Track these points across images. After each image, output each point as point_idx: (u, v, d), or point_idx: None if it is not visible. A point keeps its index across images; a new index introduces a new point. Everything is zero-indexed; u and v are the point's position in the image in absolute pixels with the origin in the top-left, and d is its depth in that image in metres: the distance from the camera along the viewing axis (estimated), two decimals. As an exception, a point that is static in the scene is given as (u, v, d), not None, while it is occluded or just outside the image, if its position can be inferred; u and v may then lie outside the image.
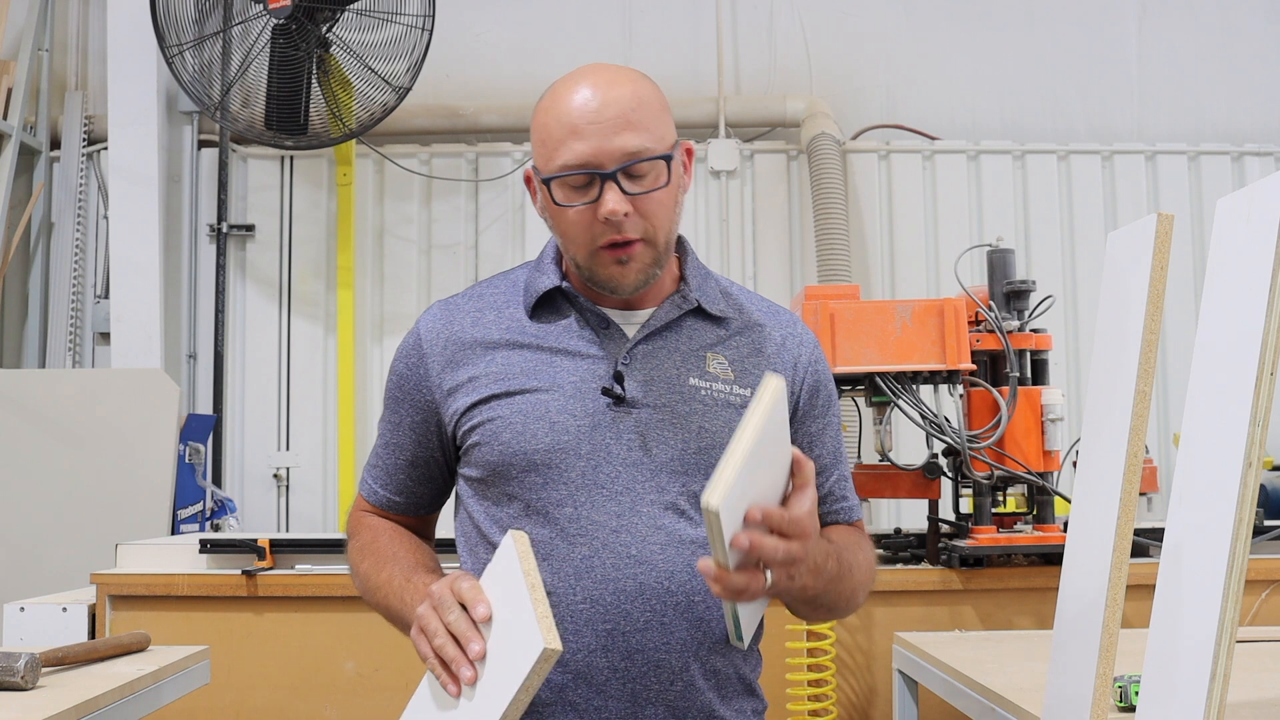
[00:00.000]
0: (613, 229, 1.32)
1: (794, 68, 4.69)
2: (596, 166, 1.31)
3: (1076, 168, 4.59)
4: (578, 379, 1.37)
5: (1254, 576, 2.51)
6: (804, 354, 1.47)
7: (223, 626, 2.68)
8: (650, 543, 1.33)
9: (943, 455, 2.68)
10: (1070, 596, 1.37)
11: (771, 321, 1.48)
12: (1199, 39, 4.73)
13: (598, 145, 1.30)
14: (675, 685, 1.33)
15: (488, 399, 1.38)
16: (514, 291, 1.46)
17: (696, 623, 1.34)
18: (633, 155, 1.31)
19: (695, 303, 1.42)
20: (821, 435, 1.47)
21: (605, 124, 1.30)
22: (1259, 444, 1.05)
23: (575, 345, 1.39)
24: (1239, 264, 1.11)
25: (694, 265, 1.47)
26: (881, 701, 2.60)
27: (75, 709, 1.59)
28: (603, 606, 1.32)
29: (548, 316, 1.42)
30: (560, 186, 1.33)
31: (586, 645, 1.32)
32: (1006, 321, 2.63)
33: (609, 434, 1.35)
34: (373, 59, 3.95)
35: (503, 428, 1.36)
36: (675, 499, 1.35)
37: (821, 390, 1.48)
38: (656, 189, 1.33)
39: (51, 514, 3.84)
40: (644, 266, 1.35)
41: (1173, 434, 4.35)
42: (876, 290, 4.51)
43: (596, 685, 1.32)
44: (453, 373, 1.42)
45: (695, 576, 1.33)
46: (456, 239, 4.56)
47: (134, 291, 4.28)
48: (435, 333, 1.46)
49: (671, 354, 1.40)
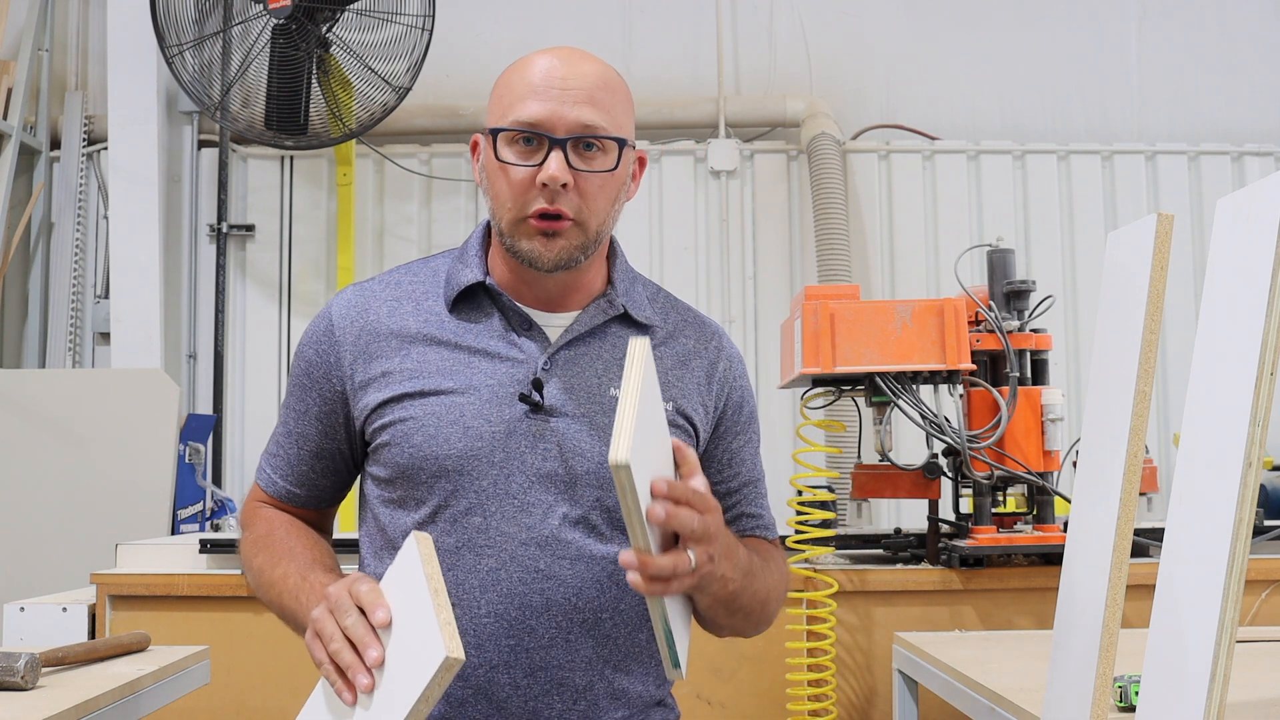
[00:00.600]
0: (549, 197, 1.28)
1: (794, 68, 4.69)
2: (549, 130, 1.28)
3: (1076, 168, 4.59)
4: (495, 382, 1.32)
5: (1254, 576, 2.51)
6: (728, 369, 1.44)
7: (223, 626, 2.68)
8: (560, 557, 1.29)
9: (943, 455, 2.68)
10: (1070, 596, 1.37)
11: (697, 333, 1.45)
12: (1199, 39, 4.73)
13: (555, 110, 1.28)
14: (579, 705, 1.30)
15: (400, 397, 1.32)
16: (434, 282, 1.39)
17: (603, 640, 1.31)
18: (587, 129, 1.28)
19: (622, 308, 1.38)
20: (742, 451, 1.45)
21: (567, 92, 1.28)
22: (1259, 444, 1.05)
23: (495, 346, 1.34)
24: (1239, 264, 1.11)
25: (623, 269, 1.43)
26: (881, 701, 2.60)
27: (75, 709, 1.59)
28: (507, 621, 1.28)
29: (468, 313, 1.36)
30: (507, 144, 1.30)
31: (489, 660, 1.28)
32: (1006, 321, 2.63)
33: (524, 442, 1.30)
34: (373, 59, 3.95)
35: (414, 429, 1.31)
36: (588, 513, 1.31)
37: (744, 407, 1.46)
38: (601, 171, 1.30)
39: (51, 514, 3.84)
40: (569, 248, 1.30)
41: (1173, 434, 4.35)
42: (876, 290, 4.51)
43: (497, 702, 1.28)
44: (365, 365, 1.35)
45: (604, 593, 1.30)
46: (456, 239, 4.54)
47: (134, 291, 4.28)
48: (349, 320, 1.38)
49: (594, 361, 1.35)
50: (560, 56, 1.31)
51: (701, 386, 1.41)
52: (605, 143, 1.30)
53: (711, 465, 1.43)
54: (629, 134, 1.34)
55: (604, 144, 1.30)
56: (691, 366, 1.41)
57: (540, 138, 1.28)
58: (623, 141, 1.31)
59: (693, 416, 1.39)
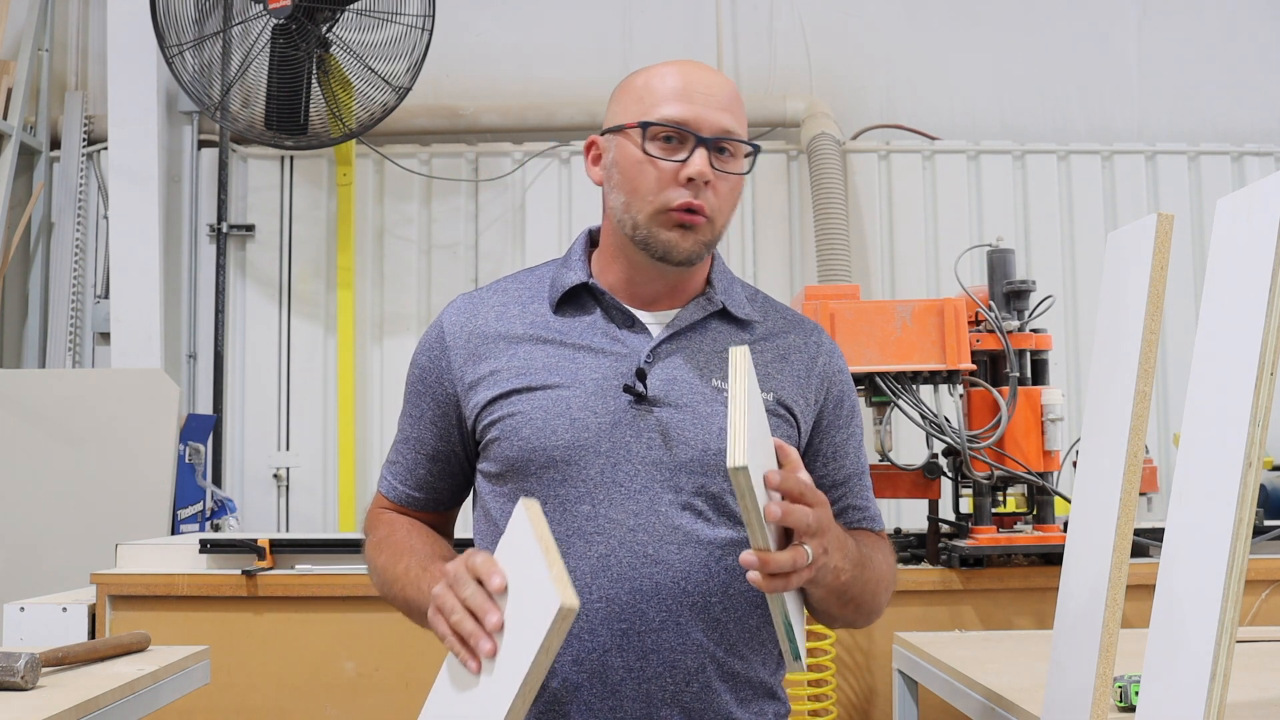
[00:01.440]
0: (694, 192, 1.35)
1: (794, 68, 4.69)
2: (696, 129, 1.35)
3: (1076, 168, 4.58)
4: (600, 376, 1.37)
5: (1254, 576, 2.51)
6: (828, 364, 1.48)
7: (223, 626, 2.68)
8: (667, 542, 1.32)
9: (943, 455, 2.68)
10: (1070, 596, 1.37)
11: (796, 329, 1.49)
12: (1199, 39, 4.73)
13: (701, 112, 1.36)
14: (691, 687, 1.33)
15: (508, 394, 1.37)
16: (540, 286, 1.46)
17: (713, 624, 1.33)
18: (729, 133, 1.37)
19: (721, 305, 1.44)
20: (846, 445, 1.48)
21: (712, 97, 1.37)
22: (1259, 444, 1.05)
23: (599, 342, 1.39)
24: (1239, 264, 1.11)
25: (721, 269, 1.49)
26: (881, 701, 2.60)
27: (75, 709, 1.59)
28: (618, 605, 1.31)
29: (572, 313, 1.42)
30: (651, 139, 1.36)
31: (602, 644, 1.31)
32: (1006, 321, 2.63)
33: (629, 432, 1.34)
34: (373, 59, 3.95)
35: (523, 423, 1.35)
36: (692, 499, 1.34)
37: (846, 401, 1.49)
38: (735, 173, 1.38)
39: (51, 514, 3.84)
40: (700, 242, 1.37)
41: (1173, 434, 4.35)
42: (876, 290, 4.51)
43: (611, 685, 1.31)
44: (474, 366, 1.41)
45: (712, 577, 1.33)
46: (456, 239, 4.56)
47: (134, 291, 4.28)
48: (458, 325, 1.45)
49: (695, 355, 1.40)
50: (696, 67, 1.41)
51: (801, 380, 1.44)
52: (737, 147, 1.39)
53: (816, 459, 1.46)
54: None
55: (736, 149, 1.39)
56: (791, 360, 1.45)
57: (686, 135, 1.36)
58: (756, 148, 1.41)
59: (793, 407, 1.42)
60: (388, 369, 4.47)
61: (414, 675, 2.65)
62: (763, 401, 1.36)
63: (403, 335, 4.48)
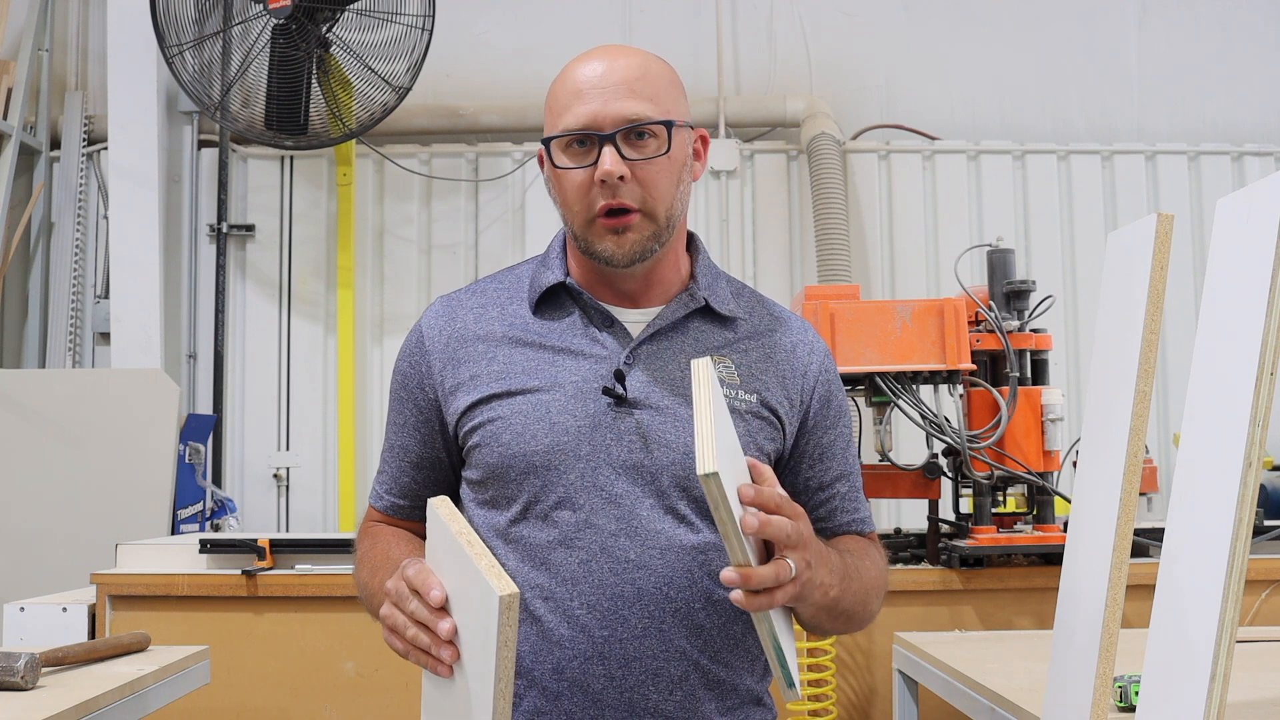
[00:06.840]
0: (609, 192, 1.30)
1: (794, 68, 4.69)
2: (596, 128, 1.31)
3: (1076, 168, 4.58)
4: (579, 379, 1.34)
5: (1254, 576, 2.51)
6: (815, 363, 1.44)
7: (223, 626, 2.68)
8: (650, 547, 1.29)
9: (943, 455, 2.68)
10: (1070, 596, 1.37)
11: (782, 327, 1.44)
12: (1199, 39, 4.73)
13: (598, 108, 1.31)
14: (674, 695, 1.30)
15: (488, 398, 1.35)
16: (518, 287, 1.43)
17: (696, 631, 1.30)
18: (632, 120, 1.31)
19: (704, 302, 1.40)
20: (833, 446, 1.44)
21: (608, 89, 1.31)
22: (1259, 444, 1.05)
23: (578, 344, 1.36)
24: (1239, 264, 1.11)
25: (705, 264, 1.44)
26: (881, 701, 2.60)
27: (75, 709, 1.59)
28: (600, 612, 1.28)
29: (551, 313, 1.39)
30: (561, 150, 1.33)
31: (582, 652, 1.28)
32: (1006, 321, 2.63)
33: (609, 435, 1.31)
34: (373, 59, 3.95)
35: (503, 429, 1.33)
36: (675, 503, 1.31)
37: (833, 400, 1.45)
38: (656, 156, 1.32)
39: (51, 514, 3.84)
40: (641, 240, 1.33)
41: (1173, 434, 4.35)
42: (876, 290, 4.51)
43: (593, 694, 1.29)
44: (454, 370, 1.39)
45: (695, 583, 1.30)
46: (456, 239, 4.56)
47: (134, 291, 4.28)
48: (437, 330, 1.43)
49: (676, 355, 1.36)
50: (597, 56, 1.35)
51: (786, 379, 1.40)
52: (655, 129, 1.32)
53: (803, 461, 1.43)
54: (678, 115, 1.36)
55: (654, 130, 1.32)
56: (776, 360, 1.41)
57: (590, 137, 1.31)
58: (670, 124, 1.33)
59: (778, 409, 1.39)
60: (388, 369, 4.46)
61: (414, 675, 2.64)
62: (746, 404, 1.35)
63: (402, 335, 4.42)
